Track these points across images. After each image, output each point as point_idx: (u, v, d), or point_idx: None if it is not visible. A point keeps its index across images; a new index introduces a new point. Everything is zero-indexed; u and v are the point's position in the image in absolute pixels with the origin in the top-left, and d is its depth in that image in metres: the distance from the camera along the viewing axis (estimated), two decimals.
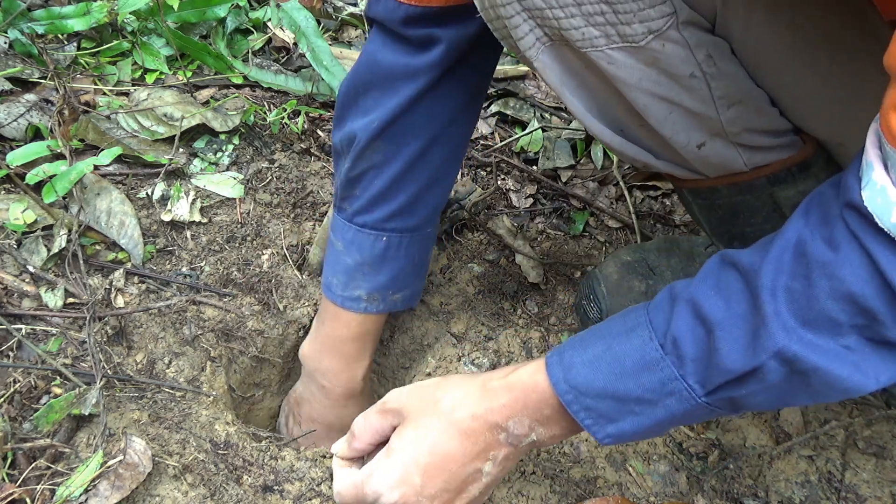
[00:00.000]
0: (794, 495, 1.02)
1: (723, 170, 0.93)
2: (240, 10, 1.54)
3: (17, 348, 0.96)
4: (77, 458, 0.85)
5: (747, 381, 0.68)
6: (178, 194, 1.20)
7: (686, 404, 0.71)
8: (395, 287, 1.04)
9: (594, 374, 0.73)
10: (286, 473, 0.94)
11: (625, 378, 0.72)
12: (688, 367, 0.70)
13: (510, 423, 0.77)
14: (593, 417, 0.74)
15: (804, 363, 0.65)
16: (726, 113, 0.85)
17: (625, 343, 0.73)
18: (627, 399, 0.72)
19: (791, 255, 0.67)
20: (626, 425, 0.73)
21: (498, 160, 1.51)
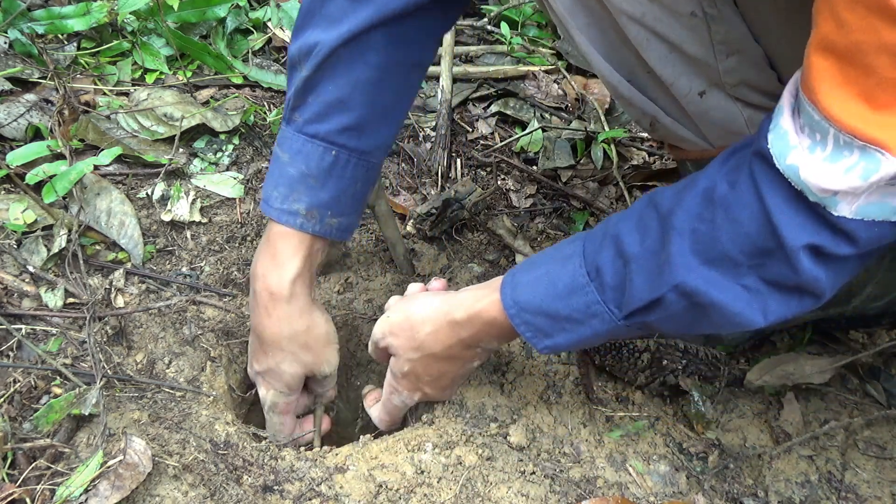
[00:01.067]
0: (794, 495, 1.02)
1: (725, 132, 0.93)
2: (240, 10, 1.54)
3: (17, 348, 0.96)
4: (77, 458, 0.85)
5: (654, 309, 0.78)
6: (178, 194, 1.20)
7: (608, 325, 0.82)
8: (334, 209, 1.00)
9: (533, 294, 0.86)
10: (286, 473, 0.94)
11: (557, 299, 0.84)
12: (608, 294, 0.81)
13: (479, 344, 0.94)
14: (532, 331, 0.86)
15: (702, 297, 0.74)
16: (725, 61, 0.87)
17: (560, 268, 0.85)
18: (558, 317, 0.84)
19: (699, 199, 0.74)
20: (559, 339, 0.86)
21: (498, 160, 1.51)
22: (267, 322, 1.00)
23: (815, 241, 0.66)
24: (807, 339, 1.20)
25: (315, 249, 1.02)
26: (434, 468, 0.96)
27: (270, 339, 1.01)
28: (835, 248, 0.67)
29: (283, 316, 0.99)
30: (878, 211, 0.63)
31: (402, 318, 0.97)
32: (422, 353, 0.95)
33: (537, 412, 1.06)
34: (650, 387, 1.11)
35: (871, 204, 0.63)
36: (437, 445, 0.99)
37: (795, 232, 0.67)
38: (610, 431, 1.07)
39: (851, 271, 0.71)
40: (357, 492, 0.92)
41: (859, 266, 0.71)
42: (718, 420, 1.11)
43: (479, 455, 0.98)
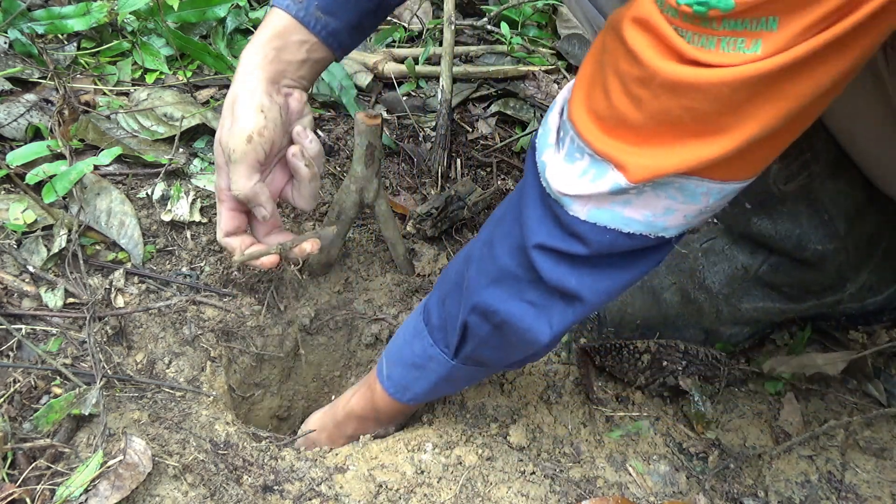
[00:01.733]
0: (794, 495, 1.02)
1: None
2: (240, 10, 1.54)
3: (17, 348, 0.96)
4: (77, 458, 0.85)
5: (467, 338, 0.82)
6: (178, 194, 1.20)
7: (445, 366, 0.86)
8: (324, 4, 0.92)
9: (395, 343, 0.91)
10: (286, 473, 0.94)
11: (405, 346, 0.89)
12: (436, 334, 0.86)
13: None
14: (395, 387, 0.91)
15: (497, 316, 0.77)
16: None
17: (412, 318, 0.90)
18: (407, 364, 0.89)
19: (489, 223, 0.79)
20: (417, 389, 0.90)
21: (498, 160, 1.51)
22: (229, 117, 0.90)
23: (546, 241, 0.70)
24: (806, 338, 1.20)
25: (290, 33, 0.92)
26: (434, 468, 0.96)
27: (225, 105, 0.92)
28: (567, 247, 0.69)
29: (234, 81, 0.91)
30: (609, 218, 0.66)
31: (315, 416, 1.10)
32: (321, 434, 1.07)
33: (537, 412, 1.06)
34: (650, 387, 1.11)
35: (601, 209, 0.66)
36: (437, 445, 0.99)
37: (533, 230, 0.70)
38: (610, 431, 1.07)
39: (611, 275, 0.72)
40: (357, 492, 0.92)
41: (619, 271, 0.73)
42: (718, 420, 1.11)
43: (479, 455, 0.98)
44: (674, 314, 1.13)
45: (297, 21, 0.92)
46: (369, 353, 1.22)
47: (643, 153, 0.60)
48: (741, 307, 1.11)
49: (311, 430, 1.10)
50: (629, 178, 0.61)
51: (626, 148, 0.61)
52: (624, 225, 0.66)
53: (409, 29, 1.80)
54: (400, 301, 1.21)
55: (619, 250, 0.69)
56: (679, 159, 0.59)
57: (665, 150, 0.60)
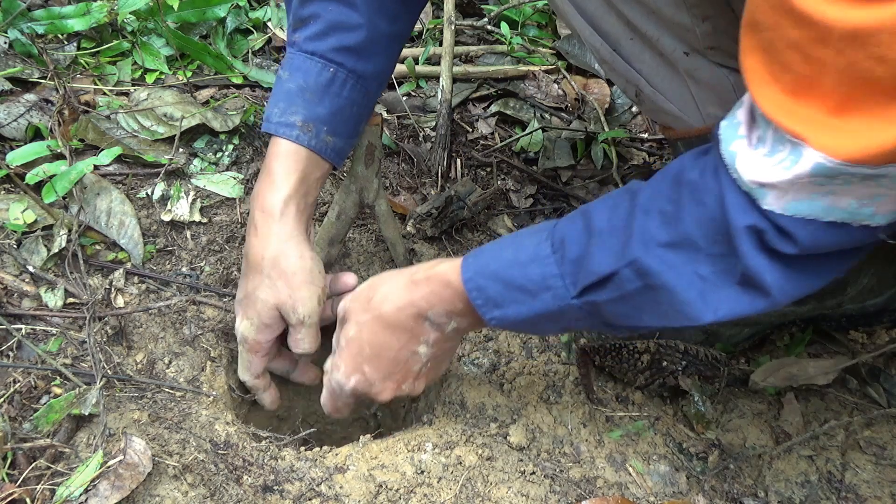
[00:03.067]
0: (794, 495, 1.02)
1: (714, 97, 0.94)
2: (240, 10, 1.54)
3: (17, 348, 0.96)
4: (77, 458, 0.85)
5: (607, 286, 0.76)
6: (178, 194, 1.20)
7: (560, 302, 0.79)
8: (330, 126, 1.00)
9: (493, 259, 0.83)
10: (286, 473, 0.94)
11: (515, 267, 0.82)
12: (566, 267, 0.79)
13: (430, 313, 0.88)
14: (483, 299, 0.83)
15: (656, 278, 0.72)
16: (700, 25, 0.88)
17: (526, 239, 0.83)
18: (513, 285, 0.81)
19: (669, 182, 0.74)
20: (509, 311, 0.82)
21: (498, 160, 1.51)
22: (253, 241, 0.98)
23: (757, 223, 0.66)
24: (807, 339, 1.20)
25: (311, 170, 1.00)
26: (434, 468, 0.96)
27: (253, 260, 0.98)
28: (776, 242, 0.67)
29: (268, 235, 0.97)
30: (808, 209, 0.64)
31: (366, 282, 0.95)
32: (372, 313, 0.90)
33: (537, 412, 1.06)
34: (650, 387, 1.11)
35: (799, 201, 0.63)
36: (437, 445, 0.99)
37: (739, 212, 0.67)
38: (610, 431, 1.07)
39: (803, 280, 0.70)
40: (357, 492, 0.92)
41: (811, 277, 0.70)
42: (718, 420, 1.11)
43: (479, 455, 0.98)
44: None
45: (312, 153, 0.98)
46: None
47: (843, 126, 0.56)
48: None
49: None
50: (832, 154, 0.57)
51: (822, 121, 0.57)
52: (824, 213, 0.63)
53: None
54: None
55: (824, 249, 0.66)
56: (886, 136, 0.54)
57: (868, 120, 0.54)
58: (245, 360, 1.04)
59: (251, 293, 0.99)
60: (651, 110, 1.01)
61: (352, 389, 0.94)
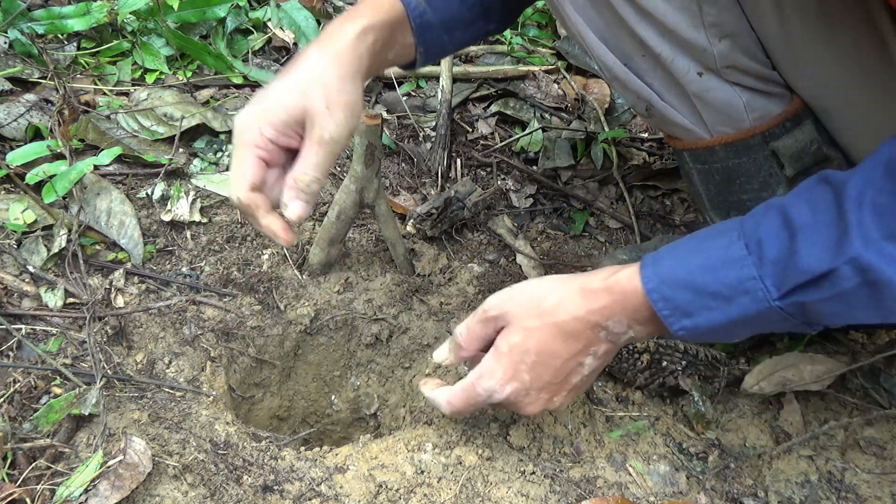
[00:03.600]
0: (794, 495, 1.02)
1: (725, 117, 0.94)
2: (240, 10, 1.54)
3: (17, 348, 0.96)
4: (77, 458, 0.85)
5: (821, 285, 0.70)
6: (178, 194, 1.20)
7: (759, 305, 0.73)
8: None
9: (679, 265, 0.77)
10: (286, 473, 0.94)
11: (706, 271, 0.75)
12: (766, 268, 0.72)
13: (610, 323, 0.82)
14: (670, 308, 0.77)
15: (879, 274, 0.67)
16: (718, 45, 0.87)
17: (713, 241, 0.77)
18: (704, 292, 0.75)
19: (882, 171, 0.69)
20: (700, 320, 0.76)
21: (498, 160, 1.51)
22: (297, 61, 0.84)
23: None
24: (806, 339, 1.20)
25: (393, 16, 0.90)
26: (434, 468, 0.96)
27: (294, 62, 0.84)
28: None
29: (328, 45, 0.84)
30: None
31: (526, 287, 0.87)
32: (543, 320, 0.83)
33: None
34: (650, 387, 1.11)
35: None
36: (437, 445, 0.99)
37: None
38: (610, 431, 1.07)
39: None
40: (357, 492, 0.92)
41: None
42: (718, 420, 1.11)
43: (479, 455, 0.98)
44: None
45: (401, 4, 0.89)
46: (369, 353, 1.22)
47: None
48: None
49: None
50: None
51: None
52: None
53: None
54: (400, 301, 1.21)
55: None
56: None
57: None
58: (237, 161, 0.83)
59: (275, 87, 0.84)
60: (660, 122, 1.01)
61: (505, 398, 0.87)
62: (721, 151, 0.98)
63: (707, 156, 1.00)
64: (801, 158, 0.97)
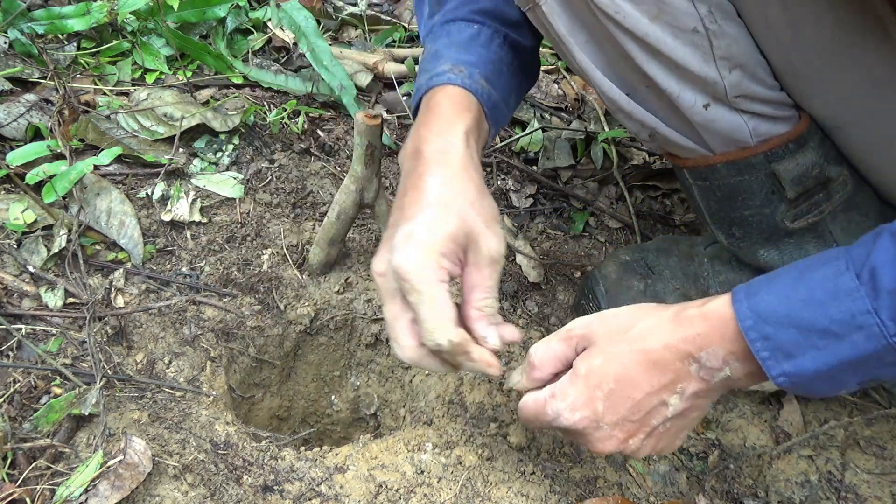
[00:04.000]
0: (794, 495, 1.02)
1: (729, 141, 0.93)
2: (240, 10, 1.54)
3: (17, 348, 0.96)
4: (77, 458, 0.85)
5: None
6: (178, 194, 1.20)
7: (875, 343, 0.65)
8: (482, 69, 0.90)
9: (779, 301, 0.69)
10: (286, 473, 0.94)
11: (812, 306, 0.68)
12: (882, 300, 0.64)
13: (703, 355, 0.73)
14: (770, 349, 0.69)
15: None
16: (728, 76, 0.86)
17: (818, 271, 0.69)
18: (811, 329, 0.67)
19: None
20: (804, 362, 0.68)
21: (498, 160, 1.51)
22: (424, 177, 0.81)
23: None
24: None
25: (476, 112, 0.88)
26: (434, 468, 0.96)
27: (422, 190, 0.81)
28: None
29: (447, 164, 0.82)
30: None
31: (616, 311, 0.81)
32: (630, 346, 0.76)
33: None
34: None
35: None
36: (437, 445, 0.99)
37: None
38: None
39: None
40: (357, 492, 0.92)
41: None
42: (718, 420, 1.11)
43: (479, 455, 0.98)
44: None
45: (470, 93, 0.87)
46: (369, 353, 1.22)
47: None
48: None
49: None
50: None
51: None
52: None
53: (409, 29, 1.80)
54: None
55: None
56: None
57: None
58: (430, 304, 0.77)
59: (418, 219, 0.79)
60: (663, 144, 1.00)
61: (572, 425, 0.79)
62: (723, 169, 0.97)
63: (708, 173, 0.99)
64: (803, 182, 0.96)
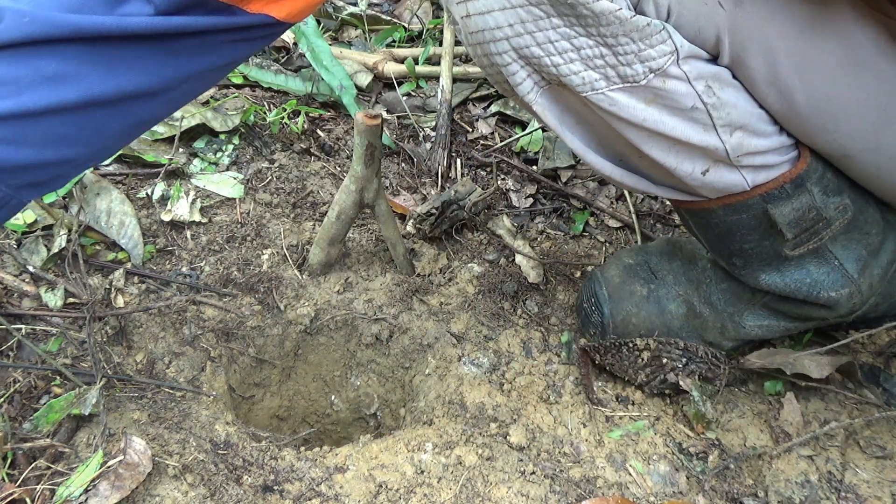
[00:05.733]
0: (794, 495, 1.02)
1: (726, 192, 0.93)
2: None
3: (17, 348, 0.96)
4: (77, 458, 0.85)
5: None
6: (178, 194, 1.20)
7: None
8: None
9: None
10: (286, 473, 0.94)
11: None
12: None
13: None
14: None
15: None
16: (730, 140, 0.85)
17: None
18: None
19: None
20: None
21: (498, 160, 1.51)
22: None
23: None
24: (806, 339, 1.20)
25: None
26: (434, 468, 0.96)
27: None
28: None
29: None
30: None
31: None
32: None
33: (537, 412, 1.06)
34: (650, 385, 1.11)
35: None
36: (437, 445, 0.99)
37: None
38: (610, 431, 1.07)
39: None
40: (357, 492, 0.92)
41: None
42: (718, 420, 1.11)
43: (479, 455, 0.98)
44: (678, 326, 1.13)
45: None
46: (369, 353, 1.22)
47: None
48: (745, 325, 1.10)
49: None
50: None
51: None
52: None
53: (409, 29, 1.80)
54: (400, 301, 1.21)
55: None
56: None
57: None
58: None
59: None
60: (655, 196, 0.99)
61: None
62: (720, 211, 0.96)
63: (705, 214, 0.98)
64: (799, 224, 0.95)
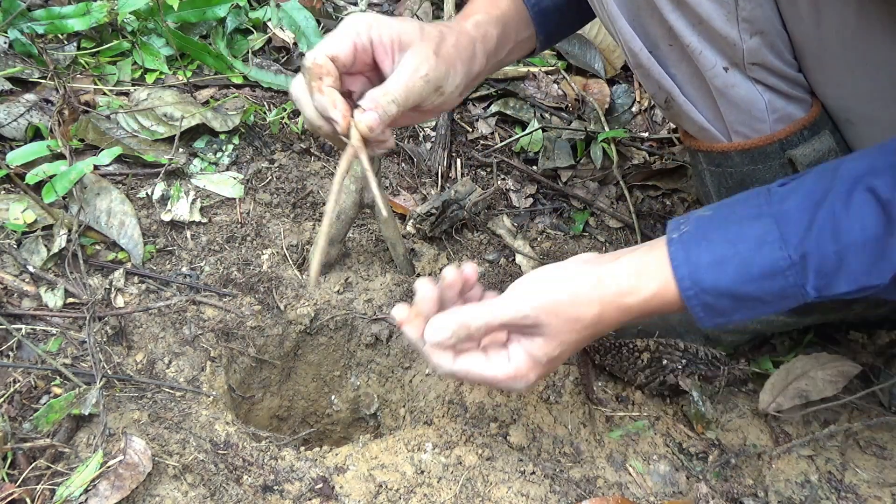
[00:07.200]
0: (794, 495, 1.02)
1: (744, 115, 0.94)
2: (240, 10, 1.54)
3: (17, 348, 0.96)
4: (77, 458, 0.85)
5: (860, 294, 0.75)
6: (178, 194, 1.20)
7: (795, 303, 0.78)
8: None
9: (719, 276, 0.78)
10: (286, 473, 0.94)
11: (748, 282, 0.77)
12: (810, 279, 0.75)
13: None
14: (707, 311, 0.80)
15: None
16: (748, 41, 0.88)
17: (754, 251, 0.77)
18: (746, 299, 0.79)
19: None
20: (735, 317, 0.81)
21: (498, 160, 1.51)
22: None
23: None
24: (807, 340, 1.20)
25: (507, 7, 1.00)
26: (434, 468, 0.96)
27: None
28: None
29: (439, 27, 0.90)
30: None
31: (562, 297, 0.83)
32: (582, 334, 0.84)
33: (537, 412, 1.06)
34: (650, 386, 1.11)
35: None
36: (437, 445, 0.99)
37: None
38: (610, 431, 1.07)
39: None
40: (357, 492, 0.92)
41: None
42: (718, 420, 1.11)
43: (479, 455, 0.98)
44: (675, 321, 1.13)
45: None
46: (369, 352, 1.22)
47: None
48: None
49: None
50: None
51: None
52: None
53: None
54: (400, 301, 1.21)
55: None
56: None
57: None
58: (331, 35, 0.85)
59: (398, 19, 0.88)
60: (677, 117, 1.00)
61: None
62: (737, 157, 0.98)
63: (722, 159, 1.00)
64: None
